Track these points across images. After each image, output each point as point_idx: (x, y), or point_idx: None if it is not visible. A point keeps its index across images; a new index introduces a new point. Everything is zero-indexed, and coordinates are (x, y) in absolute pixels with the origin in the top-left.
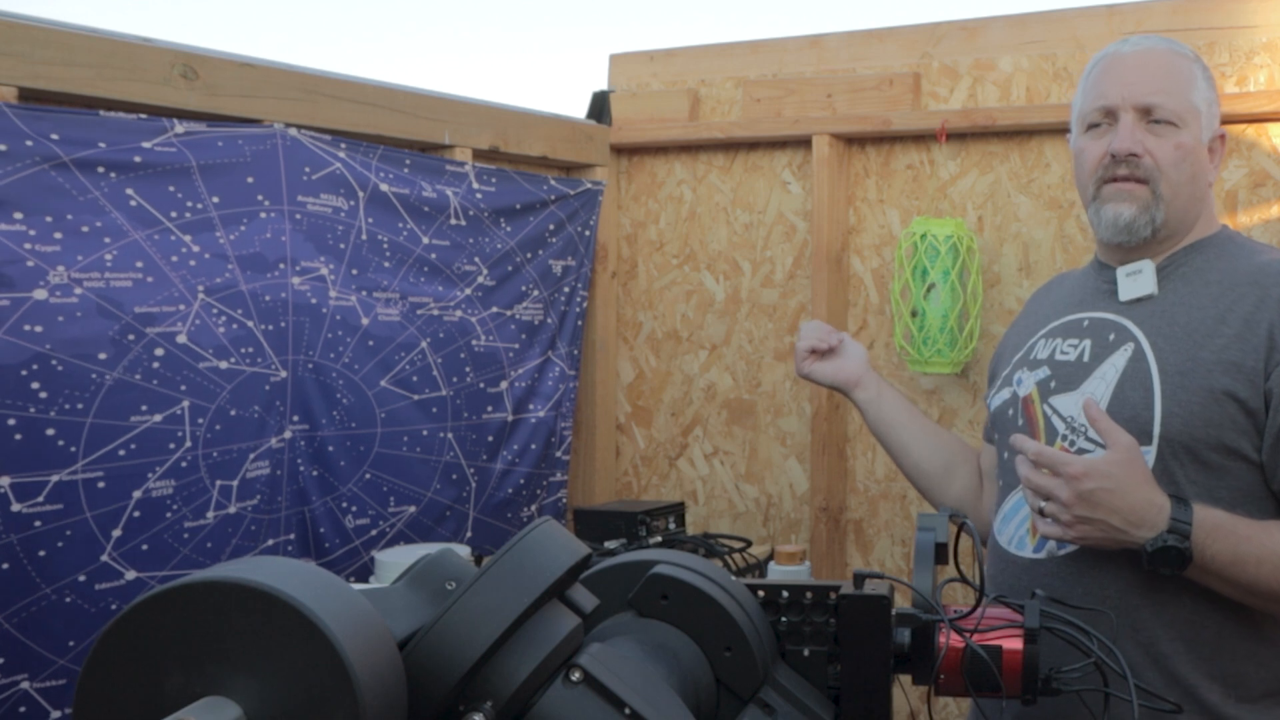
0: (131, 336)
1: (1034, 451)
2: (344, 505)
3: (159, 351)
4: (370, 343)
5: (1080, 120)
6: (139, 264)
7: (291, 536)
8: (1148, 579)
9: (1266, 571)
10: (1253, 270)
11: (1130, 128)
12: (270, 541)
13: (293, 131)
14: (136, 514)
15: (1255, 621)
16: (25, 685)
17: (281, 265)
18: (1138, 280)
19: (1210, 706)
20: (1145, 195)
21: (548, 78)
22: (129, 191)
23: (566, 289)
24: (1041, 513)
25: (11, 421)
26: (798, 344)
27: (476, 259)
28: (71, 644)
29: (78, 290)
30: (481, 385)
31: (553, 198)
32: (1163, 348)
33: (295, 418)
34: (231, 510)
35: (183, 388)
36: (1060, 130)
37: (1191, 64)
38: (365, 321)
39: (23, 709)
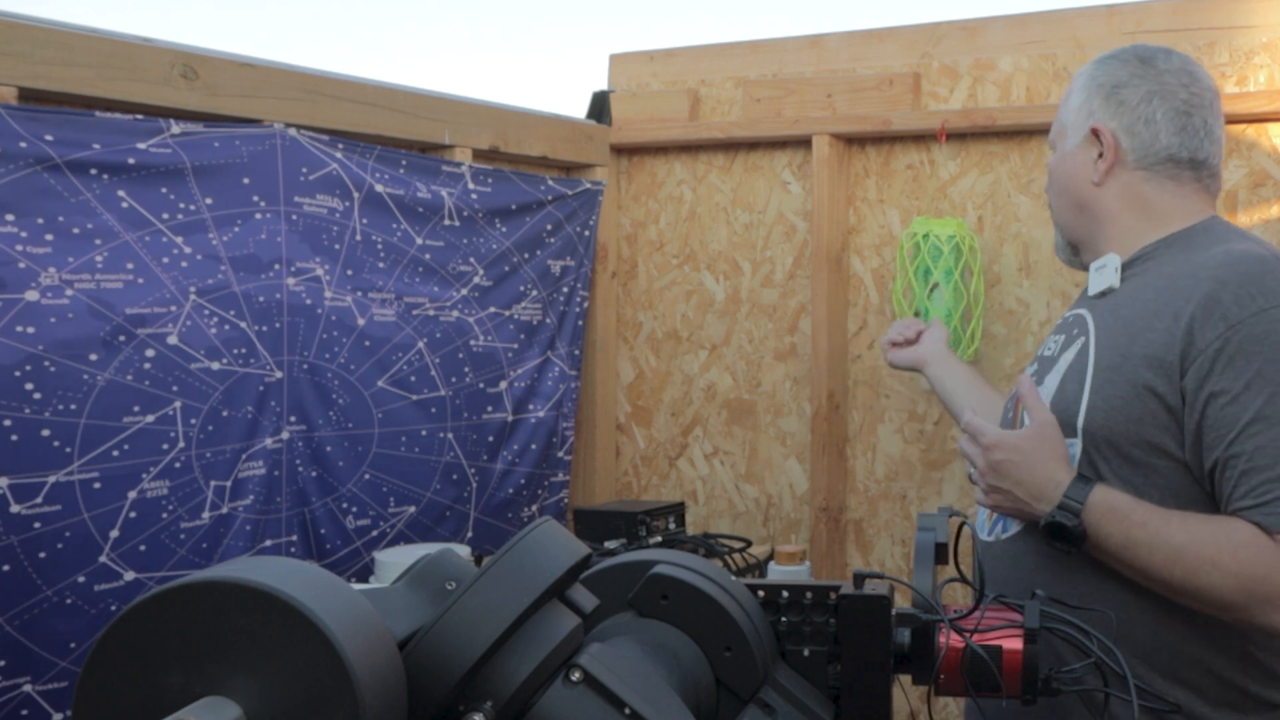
0: (122, 337)
1: (964, 422)
2: (344, 506)
3: (150, 352)
4: (366, 343)
5: None
6: (129, 265)
7: (294, 537)
8: (1073, 572)
9: (1159, 560)
10: (1202, 263)
11: None
12: (269, 542)
13: (292, 132)
14: (133, 515)
15: (1196, 627)
16: (27, 688)
17: (276, 266)
18: (1102, 274)
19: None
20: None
21: (548, 78)
22: (121, 193)
23: (565, 289)
24: (971, 479)
25: (7, 422)
26: (882, 339)
27: (472, 259)
28: (72, 645)
29: (69, 292)
30: (481, 385)
31: (550, 198)
32: (1103, 342)
33: (292, 418)
34: (225, 511)
35: (174, 388)
36: None
37: (1076, 79)
38: (361, 322)
39: (25, 712)
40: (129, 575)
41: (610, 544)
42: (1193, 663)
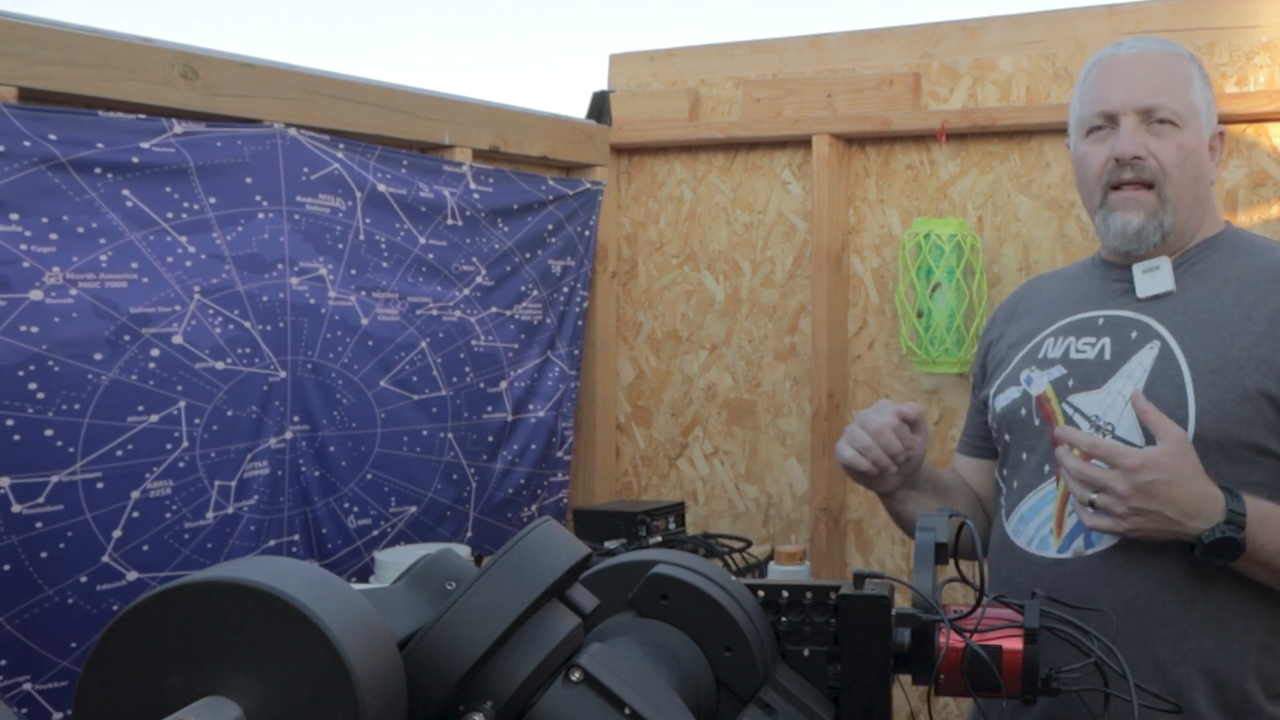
0: (127, 337)
1: (1089, 444)
2: (345, 505)
3: (155, 352)
4: (370, 343)
5: (1080, 125)
6: (134, 265)
7: (296, 537)
8: (1176, 575)
9: None
10: (1273, 266)
11: (1132, 130)
12: (273, 542)
13: (292, 132)
14: (136, 514)
15: (1276, 617)
16: (27, 686)
17: (280, 265)
18: (1155, 277)
19: (1246, 700)
20: (1152, 201)
21: (548, 78)
22: (125, 192)
23: (566, 289)
24: (1092, 505)
25: (10, 422)
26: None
27: (474, 259)
28: (73, 645)
29: (73, 291)
30: (481, 385)
31: (551, 198)
32: (1191, 345)
33: (296, 418)
34: (230, 511)
35: (179, 388)
36: (1060, 130)
37: (1188, 64)
38: (364, 322)
39: (25, 710)
40: (131, 575)
41: (610, 544)
42: (1267, 649)
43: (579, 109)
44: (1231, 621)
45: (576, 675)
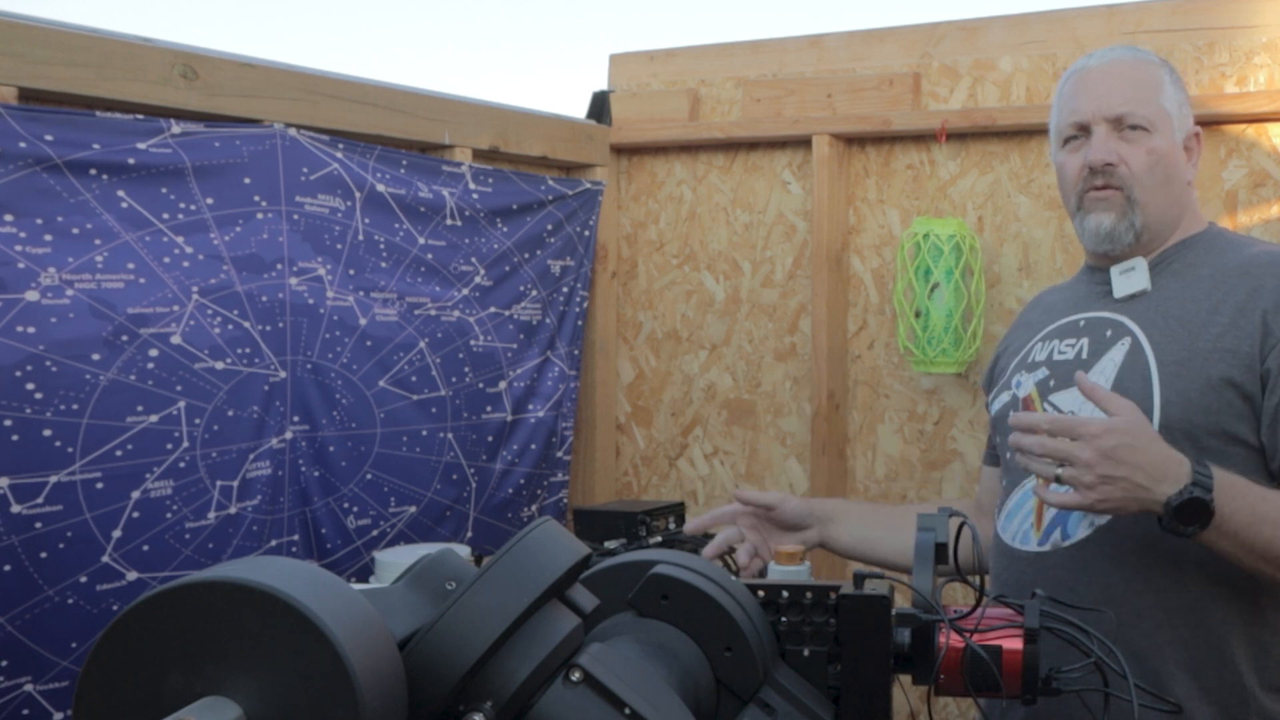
0: (125, 337)
1: (1048, 421)
2: (345, 505)
3: (153, 352)
4: (368, 343)
5: (1058, 136)
6: (130, 265)
7: (296, 537)
8: (1150, 564)
9: None
10: (1243, 262)
11: (1103, 139)
12: (274, 542)
13: (291, 132)
14: (136, 515)
15: (1259, 608)
16: (28, 687)
17: (279, 266)
18: (1131, 277)
19: (1231, 691)
20: (1121, 201)
21: (548, 78)
22: (120, 193)
23: (565, 289)
24: (1059, 480)
25: (8, 422)
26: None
27: (473, 259)
28: (74, 645)
29: (69, 292)
30: (480, 385)
31: (550, 198)
32: (1159, 339)
33: (295, 418)
34: (232, 511)
35: (178, 388)
36: None
37: (1158, 69)
38: (363, 322)
39: (26, 711)
40: (131, 575)
41: (610, 544)
42: (1251, 641)
43: (579, 109)
44: (1209, 611)
45: (576, 675)
